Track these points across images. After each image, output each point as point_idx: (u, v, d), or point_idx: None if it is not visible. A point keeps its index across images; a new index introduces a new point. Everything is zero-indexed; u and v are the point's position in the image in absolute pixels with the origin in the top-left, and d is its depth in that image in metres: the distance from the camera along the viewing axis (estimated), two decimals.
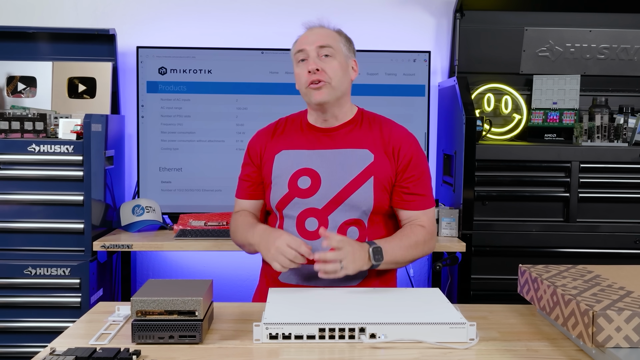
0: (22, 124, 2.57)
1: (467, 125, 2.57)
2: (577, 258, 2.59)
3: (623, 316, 1.15)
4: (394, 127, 1.79)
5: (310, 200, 1.70)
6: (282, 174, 1.73)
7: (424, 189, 1.75)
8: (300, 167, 1.72)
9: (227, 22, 3.11)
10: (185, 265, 3.20)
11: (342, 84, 1.71)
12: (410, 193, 1.73)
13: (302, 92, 1.72)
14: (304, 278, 1.70)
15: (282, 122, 1.84)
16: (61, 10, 3.09)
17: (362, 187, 1.69)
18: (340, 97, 1.72)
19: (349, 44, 1.78)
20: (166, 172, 2.97)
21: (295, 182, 1.71)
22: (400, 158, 1.73)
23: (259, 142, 1.82)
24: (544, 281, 1.42)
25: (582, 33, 3.01)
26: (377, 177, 1.70)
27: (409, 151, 1.74)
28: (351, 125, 1.77)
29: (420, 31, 3.16)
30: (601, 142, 2.67)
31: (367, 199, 1.69)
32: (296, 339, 1.28)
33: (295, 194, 1.71)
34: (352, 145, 1.73)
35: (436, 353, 1.24)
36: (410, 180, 1.73)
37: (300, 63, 1.71)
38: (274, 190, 1.74)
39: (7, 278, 2.49)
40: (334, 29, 1.77)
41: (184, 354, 1.23)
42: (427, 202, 1.76)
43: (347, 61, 1.74)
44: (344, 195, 1.69)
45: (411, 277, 3.17)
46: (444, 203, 2.89)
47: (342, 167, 1.71)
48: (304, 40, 1.72)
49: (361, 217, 1.71)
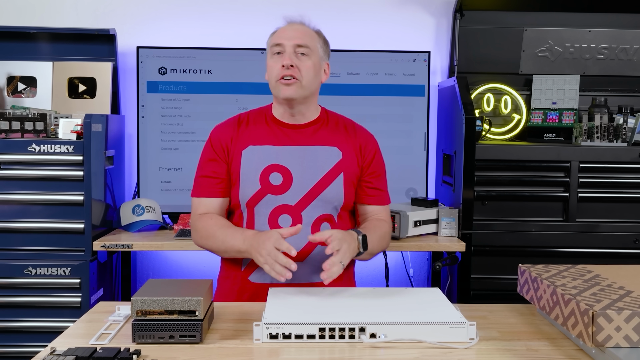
0: (23, 124, 2.57)
1: (466, 125, 2.58)
2: (577, 258, 2.59)
3: (623, 316, 1.15)
4: (357, 125, 1.86)
5: (282, 197, 1.72)
6: (251, 170, 1.73)
7: (384, 185, 1.86)
8: (270, 163, 1.73)
9: (227, 22, 3.11)
10: (185, 265, 3.21)
11: (313, 84, 1.73)
12: (373, 188, 1.82)
13: (272, 84, 1.73)
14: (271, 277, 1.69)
15: (245, 117, 1.81)
16: (61, 11, 3.09)
17: (333, 183, 1.74)
18: (309, 96, 1.74)
19: (326, 47, 1.80)
20: (166, 172, 2.97)
21: (266, 178, 1.72)
22: (365, 154, 1.80)
23: (224, 137, 1.77)
24: (543, 281, 1.42)
25: (582, 33, 3.01)
26: (346, 173, 1.76)
27: (372, 148, 1.83)
28: (318, 124, 1.79)
29: (420, 31, 3.16)
30: (600, 142, 2.67)
31: (338, 194, 1.74)
32: (296, 339, 1.28)
33: (267, 191, 1.72)
34: (320, 143, 1.77)
35: (436, 353, 1.24)
36: (373, 175, 1.82)
37: (275, 55, 1.72)
38: (243, 186, 1.73)
39: (8, 278, 2.50)
40: (314, 28, 1.78)
41: (184, 353, 1.23)
42: (386, 198, 1.86)
43: (320, 63, 1.76)
44: (316, 192, 1.72)
45: (411, 276, 3.18)
46: (444, 203, 2.89)
47: (313, 164, 1.73)
48: (283, 35, 1.73)
49: (332, 212, 1.76)
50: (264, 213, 1.72)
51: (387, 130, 2.97)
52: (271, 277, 1.66)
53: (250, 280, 1.74)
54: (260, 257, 1.54)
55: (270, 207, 1.71)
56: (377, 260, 2.91)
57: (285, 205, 1.72)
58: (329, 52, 1.82)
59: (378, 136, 1.87)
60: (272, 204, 1.71)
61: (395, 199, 2.90)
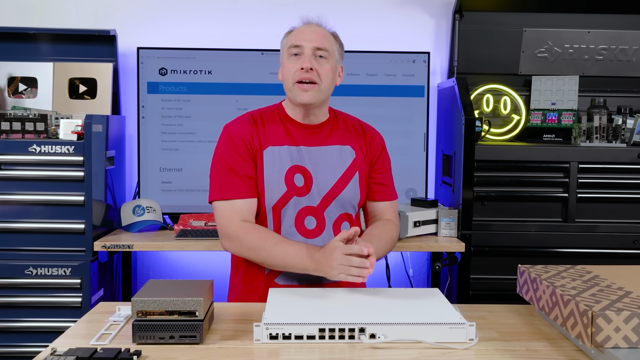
0: (23, 124, 2.58)
1: (466, 125, 2.58)
2: (576, 258, 2.60)
3: (622, 316, 1.15)
4: (364, 123, 1.87)
5: (305, 198, 1.71)
6: (274, 172, 1.69)
7: (390, 181, 1.86)
8: (292, 165, 1.71)
9: (227, 23, 3.12)
10: (185, 265, 3.21)
11: (330, 88, 1.73)
12: (377, 183, 1.82)
13: (288, 86, 1.71)
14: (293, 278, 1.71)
15: (257, 116, 1.75)
16: (62, 12, 3.10)
17: (350, 183, 1.75)
18: (324, 100, 1.74)
19: (341, 50, 1.80)
20: (167, 172, 2.97)
21: (291, 180, 1.70)
22: (373, 151, 1.82)
23: (246, 134, 1.70)
24: (543, 281, 1.42)
25: (581, 34, 3.02)
26: (360, 172, 1.77)
27: (379, 145, 1.84)
28: (331, 123, 1.79)
29: (419, 32, 3.16)
30: (599, 143, 2.68)
31: (356, 193, 1.76)
32: (296, 339, 1.28)
33: (294, 193, 1.70)
34: (335, 142, 1.77)
35: (436, 353, 1.24)
36: (379, 171, 1.82)
37: (292, 57, 1.70)
38: (269, 189, 1.68)
39: (8, 278, 2.50)
40: (331, 31, 1.77)
41: (184, 354, 1.24)
42: (392, 194, 1.86)
43: (337, 65, 1.76)
44: (336, 192, 1.72)
45: (410, 277, 3.18)
46: (443, 203, 2.90)
47: (330, 164, 1.73)
48: (302, 36, 1.70)
49: (351, 211, 1.77)
50: (290, 215, 1.70)
51: (386, 130, 2.94)
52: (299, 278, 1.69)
53: (277, 282, 1.70)
54: (333, 271, 1.51)
55: (296, 209, 1.70)
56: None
57: (308, 207, 1.71)
58: (343, 54, 1.81)
59: None
60: (297, 206, 1.70)
61: None
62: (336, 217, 1.74)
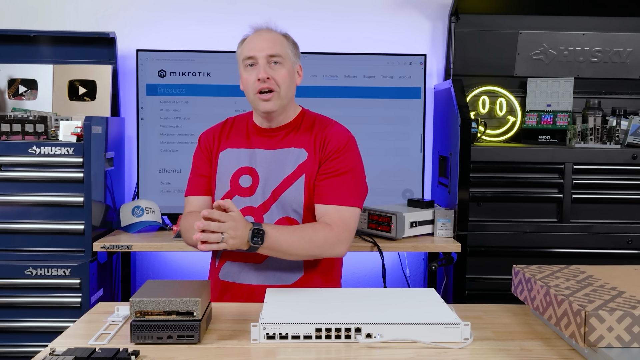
0: (23, 126, 2.59)
1: (462, 127, 2.60)
2: (570, 258, 2.61)
3: (615, 316, 1.16)
4: (331, 125, 1.79)
5: (249, 199, 1.75)
6: (225, 172, 1.78)
7: (341, 185, 1.70)
8: (242, 166, 1.76)
9: (226, 25, 3.12)
10: (184, 265, 3.22)
11: (290, 91, 1.75)
12: (321, 185, 1.71)
13: (249, 97, 1.74)
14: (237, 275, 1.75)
15: (230, 122, 1.87)
16: (62, 14, 3.11)
17: (293, 185, 1.73)
18: (286, 104, 1.75)
19: (296, 49, 1.80)
20: (165, 173, 2.99)
21: (237, 180, 1.76)
22: (325, 149, 1.73)
23: (210, 139, 1.84)
24: (537, 281, 1.43)
25: (576, 36, 3.04)
26: (308, 174, 1.73)
27: (337, 146, 1.72)
28: (292, 127, 1.79)
29: (416, 34, 3.18)
30: (594, 144, 2.69)
31: (297, 197, 1.72)
32: (293, 339, 1.30)
33: (236, 192, 1.75)
34: (289, 145, 1.76)
35: (431, 353, 1.26)
36: (328, 173, 1.71)
37: (248, 68, 1.72)
38: (218, 187, 1.78)
39: (8, 278, 2.51)
40: (281, 32, 1.79)
41: (182, 354, 1.25)
42: (341, 199, 1.69)
43: (293, 67, 1.77)
44: (276, 194, 1.73)
45: (407, 277, 3.20)
46: (440, 204, 2.91)
47: (278, 166, 1.74)
48: (253, 47, 1.72)
49: (294, 216, 1.74)
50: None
51: (383, 132, 2.99)
52: (232, 276, 1.75)
53: (220, 278, 1.79)
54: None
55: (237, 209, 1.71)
56: (374, 260, 2.94)
57: (249, 207, 1.74)
58: (299, 53, 1.81)
59: (374, 138, 1.86)
60: (238, 206, 1.66)
61: (391, 200, 2.95)
62: (276, 220, 1.72)
